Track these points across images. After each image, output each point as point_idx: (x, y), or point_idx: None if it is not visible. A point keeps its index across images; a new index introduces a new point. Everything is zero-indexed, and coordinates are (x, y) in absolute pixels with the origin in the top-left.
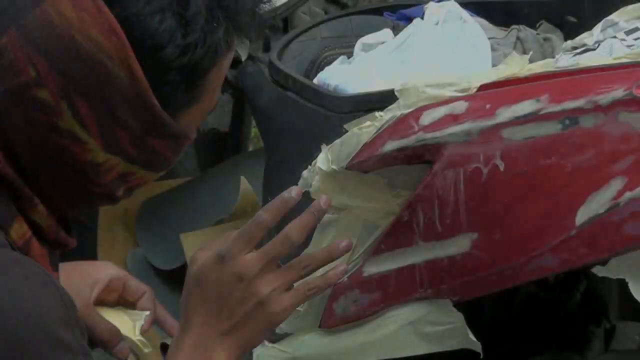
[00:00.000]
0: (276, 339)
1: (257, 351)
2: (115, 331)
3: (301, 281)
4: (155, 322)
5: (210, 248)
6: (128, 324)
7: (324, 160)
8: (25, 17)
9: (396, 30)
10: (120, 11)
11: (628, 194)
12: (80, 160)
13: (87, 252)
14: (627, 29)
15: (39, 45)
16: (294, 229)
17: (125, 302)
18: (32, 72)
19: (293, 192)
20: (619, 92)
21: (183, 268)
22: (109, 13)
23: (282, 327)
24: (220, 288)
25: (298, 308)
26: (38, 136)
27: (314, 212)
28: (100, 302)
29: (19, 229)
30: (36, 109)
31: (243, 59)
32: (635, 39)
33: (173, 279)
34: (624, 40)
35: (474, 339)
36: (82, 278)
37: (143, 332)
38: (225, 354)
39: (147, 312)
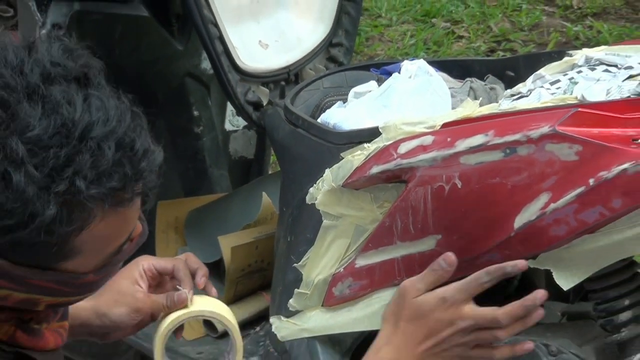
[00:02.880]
0: (289, 314)
1: (275, 324)
2: (158, 303)
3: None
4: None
5: (433, 292)
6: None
7: (326, 180)
8: None
9: (380, 82)
10: None
11: (552, 205)
12: None
13: (148, 249)
14: (551, 81)
15: None
16: (505, 315)
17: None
18: None
19: (446, 261)
20: (545, 129)
21: (219, 261)
22: None
23: (294, 306)
24: (435, 324)
25: (305, 291)
26: None
27: (526, 305)
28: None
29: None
30: None
31: (264, 103)
32: (557, 88)
33: (212, 270)
34: (549, 89)
35: None
36: (126, 278)
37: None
38: None
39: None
